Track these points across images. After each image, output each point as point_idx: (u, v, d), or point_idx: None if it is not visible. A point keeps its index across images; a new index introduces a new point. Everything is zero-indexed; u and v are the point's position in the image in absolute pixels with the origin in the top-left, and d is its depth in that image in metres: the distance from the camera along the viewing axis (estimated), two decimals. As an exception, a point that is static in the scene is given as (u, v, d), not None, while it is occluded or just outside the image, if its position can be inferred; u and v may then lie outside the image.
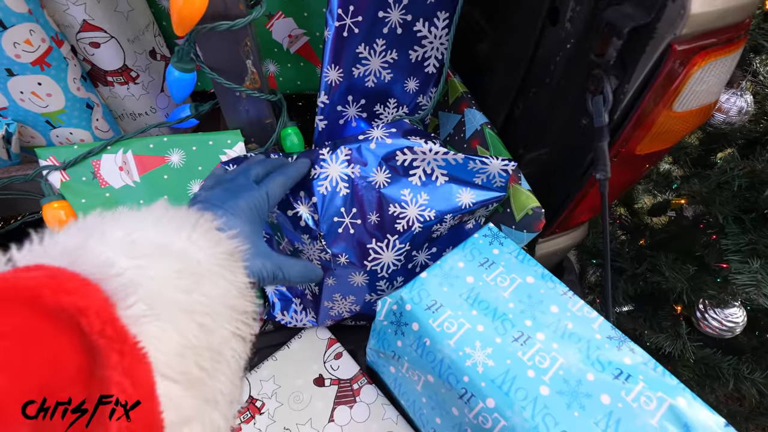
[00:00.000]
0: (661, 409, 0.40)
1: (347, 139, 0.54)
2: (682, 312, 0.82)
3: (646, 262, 0.83)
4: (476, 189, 0.55)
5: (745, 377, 0.84)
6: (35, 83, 0.52)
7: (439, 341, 0.46)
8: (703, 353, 0.87)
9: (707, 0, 0.41)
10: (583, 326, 0.46)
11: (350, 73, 0.57)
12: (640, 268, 0.83)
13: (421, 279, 0.51)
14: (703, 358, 0.88)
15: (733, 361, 0.85)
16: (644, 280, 0.82)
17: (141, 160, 0.58)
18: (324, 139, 0.61)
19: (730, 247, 0.66)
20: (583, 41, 0.51)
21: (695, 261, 0.80)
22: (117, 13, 0.55)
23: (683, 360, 0.81)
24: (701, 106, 0.51)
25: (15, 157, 0.58)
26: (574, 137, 0.60)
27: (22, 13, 0.47)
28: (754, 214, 0.66)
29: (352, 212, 0.53)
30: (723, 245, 0.66)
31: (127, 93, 0.61)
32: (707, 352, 0.87)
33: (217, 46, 0.50)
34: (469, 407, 0.44)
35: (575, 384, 0.42)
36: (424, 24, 0.57)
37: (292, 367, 0.59)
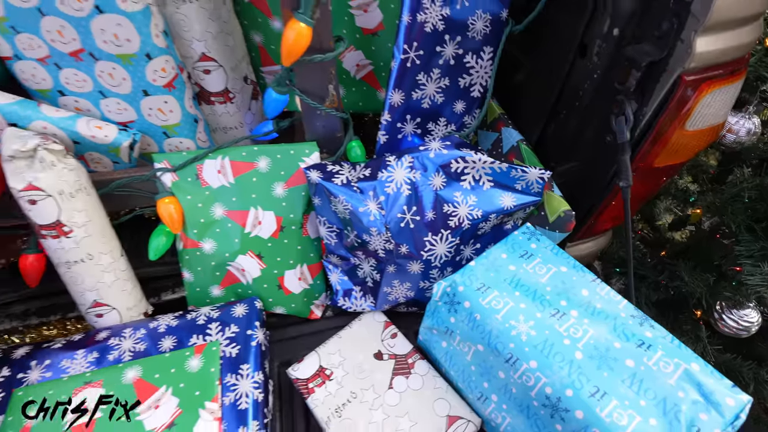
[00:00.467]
0: (678, 371, 0.49)
1: (410, 150, 0.65)
2: (702, 317, 0.88)
3: (667, 270, 0.91)
4: (516, 193, 0.65)
5: (765, 381, 0.90)
6: (162, 102, 0.65)
7: (488, 316, 0.56)
8: (724, 358, 0.93)
9: (710, 40, 0.51)
10: (610, 306, 0.55)
11: (410, 96, 0.69)
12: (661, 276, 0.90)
13: (471, 266, 0.61)
14: (724, 362, 0.93)
15: (753, 366, 0.90)
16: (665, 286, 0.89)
17: (235, 165, 0.70)
18: (384, 150, 0.73)
19: (743, 252, 0.74)
20: (608, 72, 0.62)
21: (713, 269, 0.87)
22: (226, 47, 0.68)
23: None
24: (710, 126, 0.61)
25: (134, 160, 0.72)
26: (599, 152, 0.70)
27: (162, 48, 0.61)
28: (765, 223, 0.74)
29: (412, 210, 0.64)
30: (737, 251, 0.73)
31: (224, 111, 0.75)
32: (727, 357, 0.93)
33: (309, 73, 0.62)
34: (515, 369, 0.53)
35: (604, 350, 0.51)
36: (472, 56, 0.68)
37: (354, 343, 0.69)
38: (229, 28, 0.68)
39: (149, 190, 0.71)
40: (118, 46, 0.58)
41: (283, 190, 0.70)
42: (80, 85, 0.64)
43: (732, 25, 0.51)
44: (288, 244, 0.72)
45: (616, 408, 0.47)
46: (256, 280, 0.73)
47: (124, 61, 0.60)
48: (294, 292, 0.74)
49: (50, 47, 0.59)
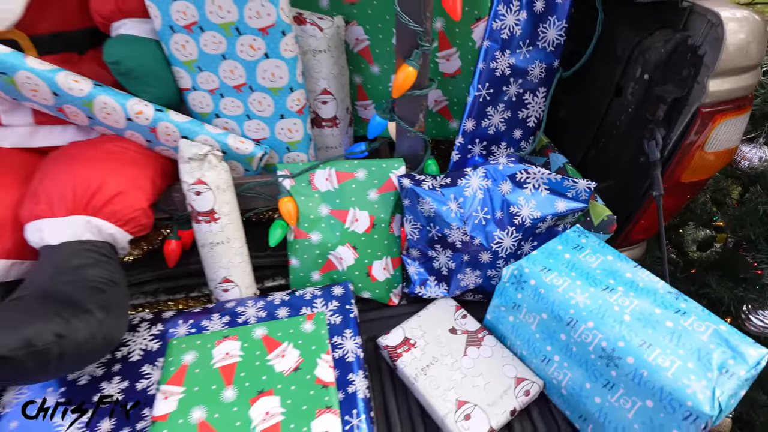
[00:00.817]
0: (709, 331, 0.62)
1: (482, 164, 0.83)
2: (731, 323, 0.98)
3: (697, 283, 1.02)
4: (568, 200, 0.81)
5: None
6: (292, 123, 0.86)
7: (551, 290, 0.70)
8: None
9: (719, 83, 0.69)
10: (650, 285, 0.69)
11: (479, 124, 0.88)
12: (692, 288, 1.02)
13: (533, 254, 0.76)
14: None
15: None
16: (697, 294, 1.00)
17: (339, 174, 0.88)
18: (456, 167, 0.91)
19: (764, 260, 0.86)
20: (640, 106, 0.80)
21: (739, 281, 0.99)
22: (340, 84, 0.89)
23: None
24: (724, 149, 0.77)
25: (259, 169, 0.91)
26: (634, 172, 0.86)
27: (300, 83, 0.82)
28: None
29: (485, 209, 0.80)
30: (758, 259, 0.86)
31: (330, 133, 0.95)
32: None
33: (408, 104, 0.82)
34: (574, 330, 0.67)
35: (648, 315, 0.64)
36: (530, 95, 0.88)
37: (431, 321, 0.83)
38: (343, 71, 0.90)
39: (269, 193, 0.90)
40: (272, 82, 0.80)
41: (376, 195, 0.88)
42: (233, 110, 0.85)
43: (735, 72, 0.68)
44: (377, 239, 0.89)
45: (660, 354, 0.60)
46: (350, 267, 0.89)
47: (274, 93, 0.81)
48: (379, 280, 0.90)
49: (221, 82, 0.81)
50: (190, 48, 0.77)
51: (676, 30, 0.72)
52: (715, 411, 0.54)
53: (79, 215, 0.72)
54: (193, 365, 0.72)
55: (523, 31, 0.80)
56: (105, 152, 0.78)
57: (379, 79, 0.96)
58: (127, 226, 0.77)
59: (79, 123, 0.80)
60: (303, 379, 0.70)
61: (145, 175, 0.81)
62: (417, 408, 0.75)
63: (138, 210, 0.77)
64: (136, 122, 0.79)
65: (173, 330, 0.79)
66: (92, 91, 0.75)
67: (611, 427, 0.64)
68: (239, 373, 0.71)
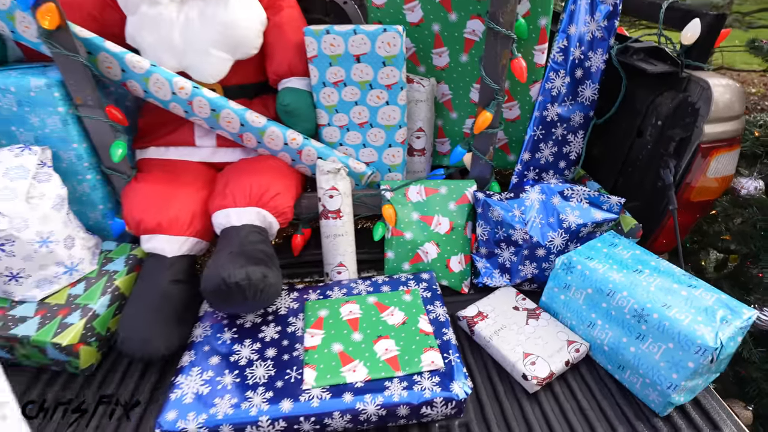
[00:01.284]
0: (714, 297, 0.85)
1: (537, 183, 1.12)
2: None
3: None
4: (603, 211, 1.08)
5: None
6: (396, 151, 1.17)
7: (594, 271, 0.95)
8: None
9: (713, 127, 0.97)
10: (669, 269, 0.94)
11: (533, 156, 1.17)
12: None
13: (578, 249, 1.02)
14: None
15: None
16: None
17: (427, 189, 1.18)
18: (514, 187, 1.19)
19: (765, 266, 1.08)
20: (656, 144, 1.08)
21: (746, 291, 1.19)
22: (429, 124, 1.22)
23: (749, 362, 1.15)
24: (723, 176, 1.04)
25: (365, 185, 1.22)
26: (654, 194, 1.13)
27: (405, 122, 1.14)
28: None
29: (540, 216, 1.08)
30: (760, 266, 1.08)
31: (418, 161, 1.26)
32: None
33: (483, 138, 1.13)
34: (613, 298, 0.91)
35: (668, 287, 0.89)
36: (571, 135, 1.17)
37: (498, 301, 1.08)
38: (432, 116, 1.22)
39: (371, 203, 1.21)
40: (387, 121, 1.12)
41: (454, 206, 1.17)
42: (354, 140, 1.18)
43: (723, 120, 0.97)
44: (455, 239, 1.17)
45: (677, 312, 0.83)
46: (433, 260, 1.16)
47: (387, 129, 1.14)
48: (455, 271, 1.17)
49: (350, 120, 1.14)
50: (333, 97, 1.11)
51: (678, 91, 1.02)
52: (717, 345, 0.77)
53: (253, 207, 1.04)
54: (327, 317, 0.99)
55: (567, 90, 1.11)
56: (268, 166, 1.11)
57: (456, 122, 1.28)
58: (279, 218, 1.08)
59: (249, 146, 1.14)
60: (410, 330, 0.95)
61: (292, 183, 1.13)
62: (490, 360, 0.98)
63: (287, 207, 1.09)
64: (290, 146, 1.12)
65: (306, 296, 1.07)
66: (266, 124, 1.09)
67: (644, 367, 0.86)
68: (362, 324, 0.97)
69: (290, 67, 1.11)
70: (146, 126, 1.19)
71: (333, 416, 0.81)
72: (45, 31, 0.89)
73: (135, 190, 1.06)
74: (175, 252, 1.03)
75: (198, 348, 0.93)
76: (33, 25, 0.95)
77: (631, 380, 0.90)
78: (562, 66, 1.08)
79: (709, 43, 0.98)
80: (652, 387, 0.85)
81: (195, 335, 0.96)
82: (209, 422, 0.78)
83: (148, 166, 1.14)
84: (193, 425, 0.78)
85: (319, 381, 0.85)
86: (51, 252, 0.96)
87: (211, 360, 0.90)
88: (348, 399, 0.82)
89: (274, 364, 0.89)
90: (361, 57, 1.05)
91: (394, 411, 0.82)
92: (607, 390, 0.92)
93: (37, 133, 1.02)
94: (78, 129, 1.03)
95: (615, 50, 1.11)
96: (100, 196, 1.12)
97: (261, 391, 0.83)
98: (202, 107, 1.06)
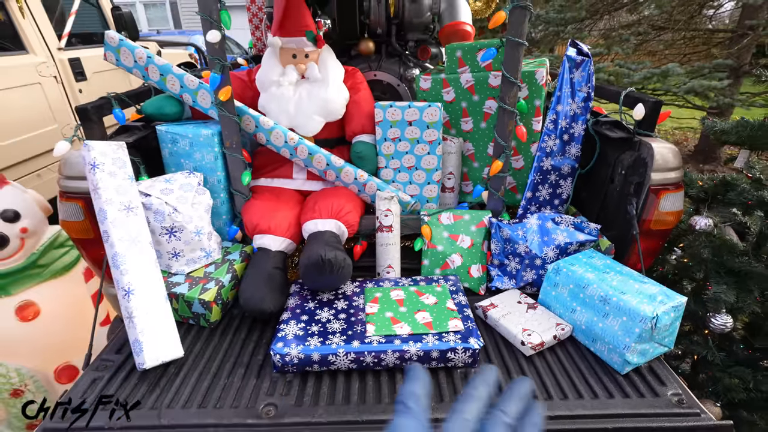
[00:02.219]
0: (657, 289, 1.21)
1: (536, 213, 1.53)
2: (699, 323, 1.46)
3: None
4: (585, 234, 1.47)
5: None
6: (433, 188, 1.63)
7: (575, 272, 1.33)
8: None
9: (658, 174, 1.38)
10: (630, 272, 1.30)
11: (534, 195, 1.60)
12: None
13: (565, 259, 1.40)
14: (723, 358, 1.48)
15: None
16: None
17: (455, 216, 1.61)
18: (520, 218, 1.61)
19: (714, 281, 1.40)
20: (623, 187, 1.49)
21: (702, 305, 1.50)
22: (458, 169, 1.68)
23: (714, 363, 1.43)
24: (674, 211, 1.42)
25: (409, 212, 1.67)
26: (624, 224, 1.51)
27: (440, 167, 1.61)
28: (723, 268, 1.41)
29: (537, 235, 1.48)
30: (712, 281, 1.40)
31: (449, 196, 1.71)
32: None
33: (497, 180, 1.57)
34: (587, 289, 1.27)
35: (626, 282, 1.25)
36: (562, 180, 1.60)
37: (505, 297, 1.45)
38: (460, 164, 1.69)
39: (412, 225, 1.64)
40: (427, 166, 1.60)
41: (475, 228, 1.59)
42: (403, 178, 1.65)
43: (664, 170, 1.38)
44: (475, 252, 1.57)
45: (630, 296, 1.19)
46: (458, 267, 1.56)
47: (427, 171, 1.61)
48: (474, 277, 1.56)
49: (401, 164, 1.62)
50: (390, 148, 1.60)
51: (635, 151, 1.45)
52: (653, 316, 1.12)
53: (333, 219, 1.50)
54: (381, 297, 1.39)
55: (557, 149, 1.56)
56: (343, 192, 1.59)
57: (477, 170, 1.74)
58: (349, 229, 1.53)
59: (330, 179, 1.63)
60: (440, 307, 1.34)
61: (359, 206, 1.59)
62: (499, 336, 1.34)
63: (355, 221, 1.54)
64: (358, 180, 1.60)
65: (365, 285, 1.48)
66: (343, 165, 1.59)
67: (608, 337, 1.20)
68: (406, 302, 1.37)
69: (363, 128, 1.63)
70: (259, 163, 1.71)
71: (386, 353, 1.18)
72: (220, 102, 1.43)
73: (252, 205, 1.55)
74: (277, 247, 1.48)
75: (292, 311, 1.35)
76: (208, 98, 1.51)
77: (601, 349, 1.23)
78: (553, 132, 1.54)
79: (653, 118, 1.42)
80: (614, 351, 1.19)
81: (289, 303, 1.38)
82: (304, 351, 1.18)
83: (260, 191, 1.64)
84: (294, 351, 1.18)
85: (378, 331, 1.24)
86: (200, 241, 1.43)
87: (302, 317, 1.31)
88: (397, 343, 1.20)
89: (345, 321, 1.29)
90: (412, 122, 1.55)
91: (428, 354, 1.19)
92: (584, 357, 1.26)
93: (196, 164, 1.55)
94: (222, 162, 1.55)
95: (591, 122, 1.57)
96: (225, 210, 1.61)
97: (338, 335, 1.23)
98: (302, 152, 1.57)
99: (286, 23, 1.55)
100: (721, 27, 6.30)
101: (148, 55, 1.51)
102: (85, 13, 3.52)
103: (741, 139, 1.58)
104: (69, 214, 1.39)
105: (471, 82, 1.61)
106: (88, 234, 1.41)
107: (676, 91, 4.31)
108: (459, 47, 1.61)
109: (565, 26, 5.29)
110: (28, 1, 2.88)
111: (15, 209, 1.51)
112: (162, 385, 1.17)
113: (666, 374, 1.18)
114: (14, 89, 2.74)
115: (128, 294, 1.20)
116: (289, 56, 1.58)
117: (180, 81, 1.52)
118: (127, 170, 1.32)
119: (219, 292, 1.37)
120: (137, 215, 1.29)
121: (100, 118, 1.46)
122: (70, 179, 1.38)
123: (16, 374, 1.51)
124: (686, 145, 6.34)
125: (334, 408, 1.10)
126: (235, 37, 7.53)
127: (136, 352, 1.18)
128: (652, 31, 5.19)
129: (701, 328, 1.52)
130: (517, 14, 1.34)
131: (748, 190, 1.54)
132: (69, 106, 3.21)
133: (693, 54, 5.61)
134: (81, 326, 1.65)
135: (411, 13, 1.93)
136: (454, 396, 1.13)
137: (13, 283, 1.53)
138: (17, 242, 1.53)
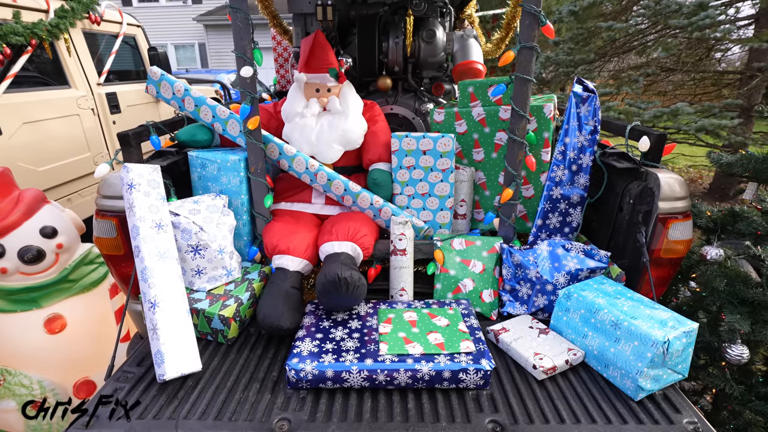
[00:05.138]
0: (668, 314, 1.22)
1: (547, 240, 1.57)
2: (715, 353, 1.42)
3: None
4: (595, 261, 1.50)
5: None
6: (446, 214, 1.69)
7: (585, 297, 1.35)
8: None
9: (665, 203, 1.42)
10: (640, 298, 1.32)
11: (545, 223, 1.64)
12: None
13: (576, 284, 1.42)
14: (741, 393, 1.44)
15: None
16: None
17: (467, 242, 1.66)
18: (531, 244, 1.65)
19: (727, 311, 1.39)
20: (632, 216, 1.53)
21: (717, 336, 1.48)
22: (470, 198, 1.75)
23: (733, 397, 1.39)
24: (681, 239, 1.45)
25: (423, 237, 1.72)
26: (634, 252, 1.54)
27: (452, 195, 1.68)
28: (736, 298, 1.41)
29: (548, 261, 1.51)
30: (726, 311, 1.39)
31: (460, 222, 1.76)
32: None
33: (507, 208, 1.63)
34: (598, 314, 1.29)
35: (636, 307, 1.27)
36: (571, 209, 1.65)
37: (517, 323, 1.46)
38: (472, 192, 1.76)
39: (425, 249, 1.69)
40: (440, 192, 1.66)
41: (486, 254, 1.63)
42: (416, 204, 1.71)
43: (672, 200, 1.42)
44: (486, 277, 1.60)
45: (641, 321, 1.21)
46: (470, 291, 1.59)
47: (440, 197, 1.67)
48: (486, 302, 1.58)
49: (416, 191, 1.69)
50: (405, 176, 1.68)
51: (642, 180, 1.50)
52: (665, 340, 1.13)
53: (349, 242, 1.56)
54: (394, 318, 1.42)
55: (567, 178, 1.62)
56: (359, 217, 1.66)
57: (488, 198, 1.80)
58: (365, 251, 1.58)
59: (347, 204, 1.70)
60: (452, 329, 1.36)
61: (374, 230, 1.66)
62: (510, 360, 1.35)
63: (370, 245, 1.60)
64: (374, 205, 1.67)
65: (378, 306, 1.51)
66: (359, 191, 1.66)
67: (620, 362, 1.20)
68: (418, 323, 1.39)
69: (379, 156, 1.72)
70: (280, 188, 1.80)
71: (399, 372, 1.21)
72: (248, 130, 1.54)
73: (273, 227, 1.63)
74: (295, 268, 1.54)
75: (307, 329, 1.38)
76: (237, 126, 1.63)
77: (613, 375, 1.23)
78: (561, 162, 1.61)
79: (658, 150, 1.48)
80: (626, 376, 1.19)
81: (304, 322, 1.42)
82: (319, 367, 1.21)
83: (280, 214, 1.73)
84: (309, 367, 1.21)
85: (390, 350, 1.26)
86: (222, 259, 1.50)
87: (316, 335, 1.35)
88: (409, 362, 1.22)
89: (359, 340, 1.32)
90: (426, 151, 1.63)
91: (440, 373, 1.21)
92: (596, 382, 1.25)
93: (222, 187, 1.64)
94: (246, 186, 1.64)
95: (598, 153, 1.63)
96: (246, 231, 1.69)
97: (351, 353, 1.26)
98: (322, 177, 1.66)
99: (312, 61, 1.68)
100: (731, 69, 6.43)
101: (185, 88, 1.65)
102: (123, 52, 3.80)
103: (746, 172, 1.62)
104: (103, 231, 1.48)
105: (482, 115, 1.71)
106: (119, 250, 1.49)
107: (687, 129, 4.37)
108: (471, 83, 1.72)
109: (575, 67, 5.48)
110: (74, 41, 3.14)
111: (53, 226, 1.62)
112: (180, 397, 1.20)
113: (681, 402, 1.17)
114: (56, 120, 2.95)
115: (154, 306, 1.26)
116: (312, 90, 1.70)
117: (212, 111, 1.65)
118: (160, 191, 1.42)
119: (238, 309, 1.43)
120: (167, 233, 1.37)
121: (138, 144, 1.58)
122: (106, 198, 1.48)
123: (38, 386, 1.56)
124: (701, 183, 6.34)
125: (346, 424, 1.11)
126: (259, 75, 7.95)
127: (158, 363, 1.22)
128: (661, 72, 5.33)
129: (718, 360, 1.50)
130: (525, 54, 1.44)
131: (758, 221, 1.56)
132: (102, 136, 3.41)
133: (703, 94, 5.72)
134: (102, 341, 1.70)
135: (426, 53, 2.07)
136: (465, 417, 1.14)
137: (44, 296, 1.61)
138: (52, 257, 1.62)
